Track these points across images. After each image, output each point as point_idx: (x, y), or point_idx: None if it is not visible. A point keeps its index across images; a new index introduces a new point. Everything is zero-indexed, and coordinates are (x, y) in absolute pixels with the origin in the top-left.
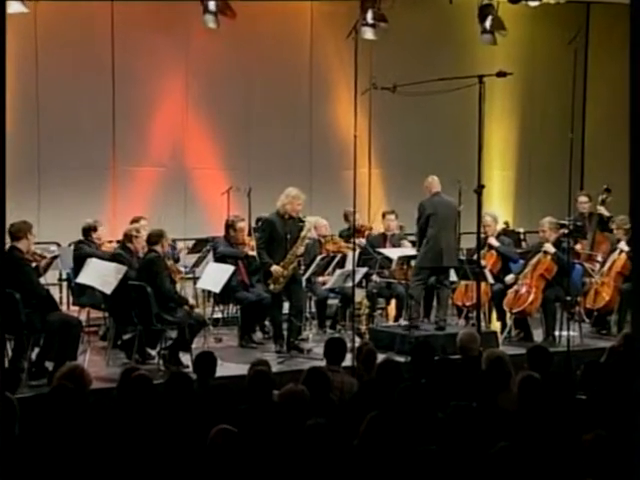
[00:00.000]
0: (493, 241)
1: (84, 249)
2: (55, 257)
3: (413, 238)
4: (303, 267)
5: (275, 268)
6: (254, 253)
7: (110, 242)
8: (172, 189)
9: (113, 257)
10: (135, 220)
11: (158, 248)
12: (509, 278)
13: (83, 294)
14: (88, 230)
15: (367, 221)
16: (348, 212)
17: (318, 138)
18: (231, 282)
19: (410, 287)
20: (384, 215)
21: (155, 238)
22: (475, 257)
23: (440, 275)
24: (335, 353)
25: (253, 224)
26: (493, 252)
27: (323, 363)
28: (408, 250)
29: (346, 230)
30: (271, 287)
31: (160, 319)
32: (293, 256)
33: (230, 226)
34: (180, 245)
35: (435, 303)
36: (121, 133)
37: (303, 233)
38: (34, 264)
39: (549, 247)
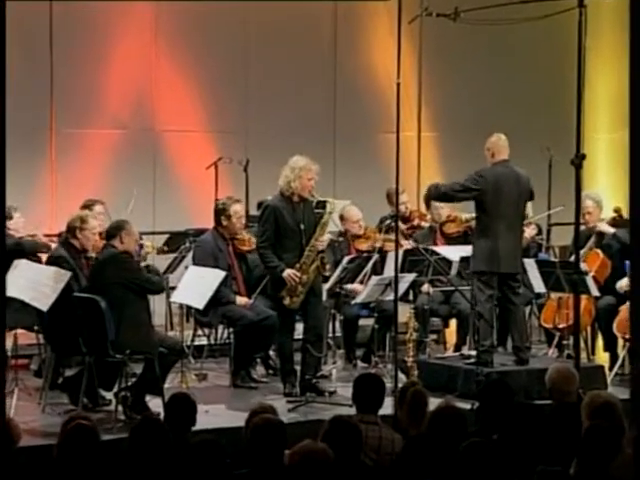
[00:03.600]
0: (605, 227)
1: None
2: None
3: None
4: (329, 267)
5: (289, 273)
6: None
7: (33, 236)
8: (136, 160)
9: (51, 259)
10: (86, 206)
11: (116, 243)
12: None
13: (7, 310)
14: None
15: (417, 206)
16: (392, 192)
17: (345, 88)
18: (221, 294)
19: (477, 302)
20: (428, 202)
21: (111, 231)
22: (573, 258)
23: (506, 286)
24: (369, 396)
25: (253, 211)
26: (599, 252)
27: (353, 411)
28: None
29: (389, 217)
30: (286, 302)
31: (119, 346)
32: (313, 252)
33: (221, 212)
34: (147, 243)
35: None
36: (62, 81)
37: (325, 218)
38: None
39: None
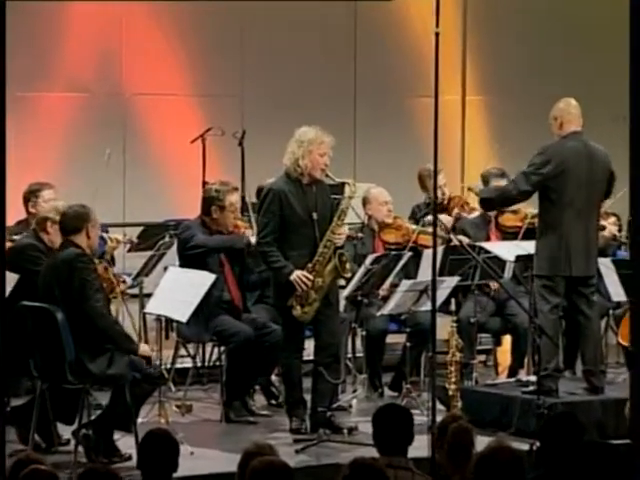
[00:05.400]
0: None
1: None
2: None
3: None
4: (349, 267)
5: (299, 275)
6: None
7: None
8: (102, 131)
9: (17, 249)
10: (32, 191)
11: (80, 240)
12: None
13: None
14: None
15: (461, 190)
16: (424, 172)
17: (368, 41)
18: (210, 303)
19: (539, 313)
20: (486, 179)
21: (73, 223)
22: None
23: (576, 293)
24: (398, 434)
25: (251, 198)
26: None
27: (377, 452)
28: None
29: (423, 206)
30: (296, 312)
31: (80, 372)
32: (329, 248)
33: (213, 201)
34: (116, 236)
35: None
36: (13, 35)
37: (343, 204)
38: None
39: None
